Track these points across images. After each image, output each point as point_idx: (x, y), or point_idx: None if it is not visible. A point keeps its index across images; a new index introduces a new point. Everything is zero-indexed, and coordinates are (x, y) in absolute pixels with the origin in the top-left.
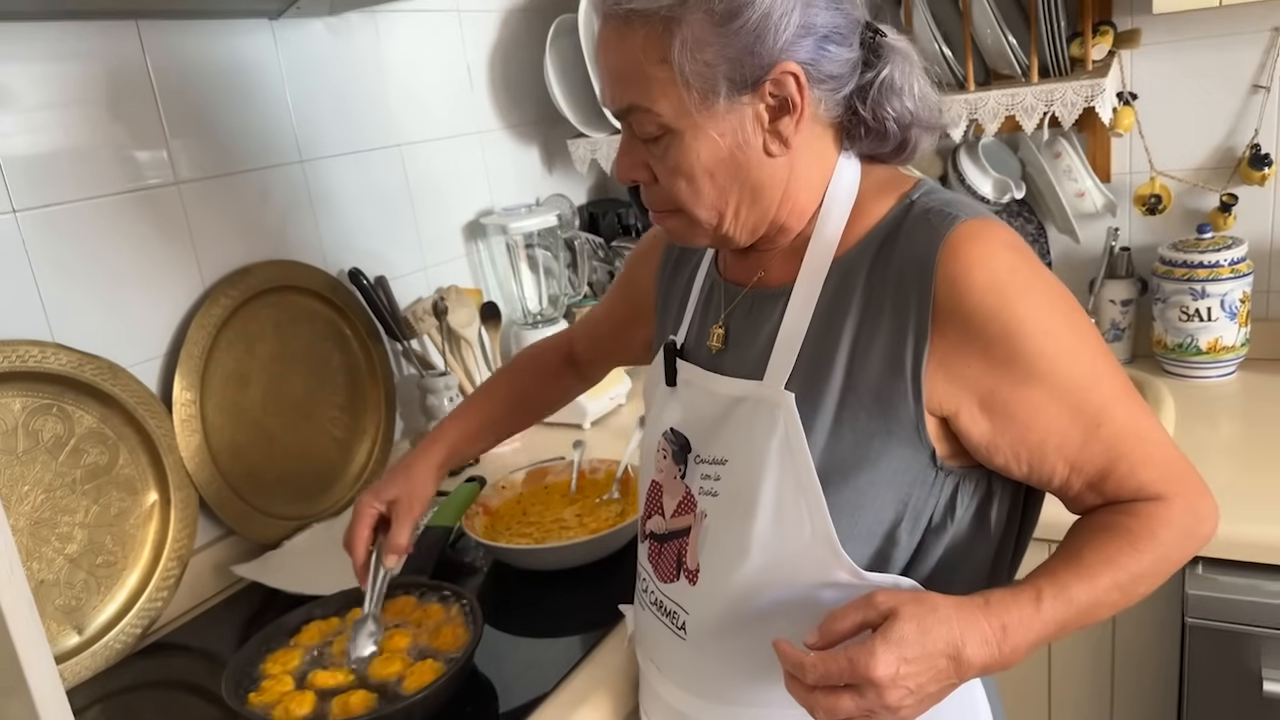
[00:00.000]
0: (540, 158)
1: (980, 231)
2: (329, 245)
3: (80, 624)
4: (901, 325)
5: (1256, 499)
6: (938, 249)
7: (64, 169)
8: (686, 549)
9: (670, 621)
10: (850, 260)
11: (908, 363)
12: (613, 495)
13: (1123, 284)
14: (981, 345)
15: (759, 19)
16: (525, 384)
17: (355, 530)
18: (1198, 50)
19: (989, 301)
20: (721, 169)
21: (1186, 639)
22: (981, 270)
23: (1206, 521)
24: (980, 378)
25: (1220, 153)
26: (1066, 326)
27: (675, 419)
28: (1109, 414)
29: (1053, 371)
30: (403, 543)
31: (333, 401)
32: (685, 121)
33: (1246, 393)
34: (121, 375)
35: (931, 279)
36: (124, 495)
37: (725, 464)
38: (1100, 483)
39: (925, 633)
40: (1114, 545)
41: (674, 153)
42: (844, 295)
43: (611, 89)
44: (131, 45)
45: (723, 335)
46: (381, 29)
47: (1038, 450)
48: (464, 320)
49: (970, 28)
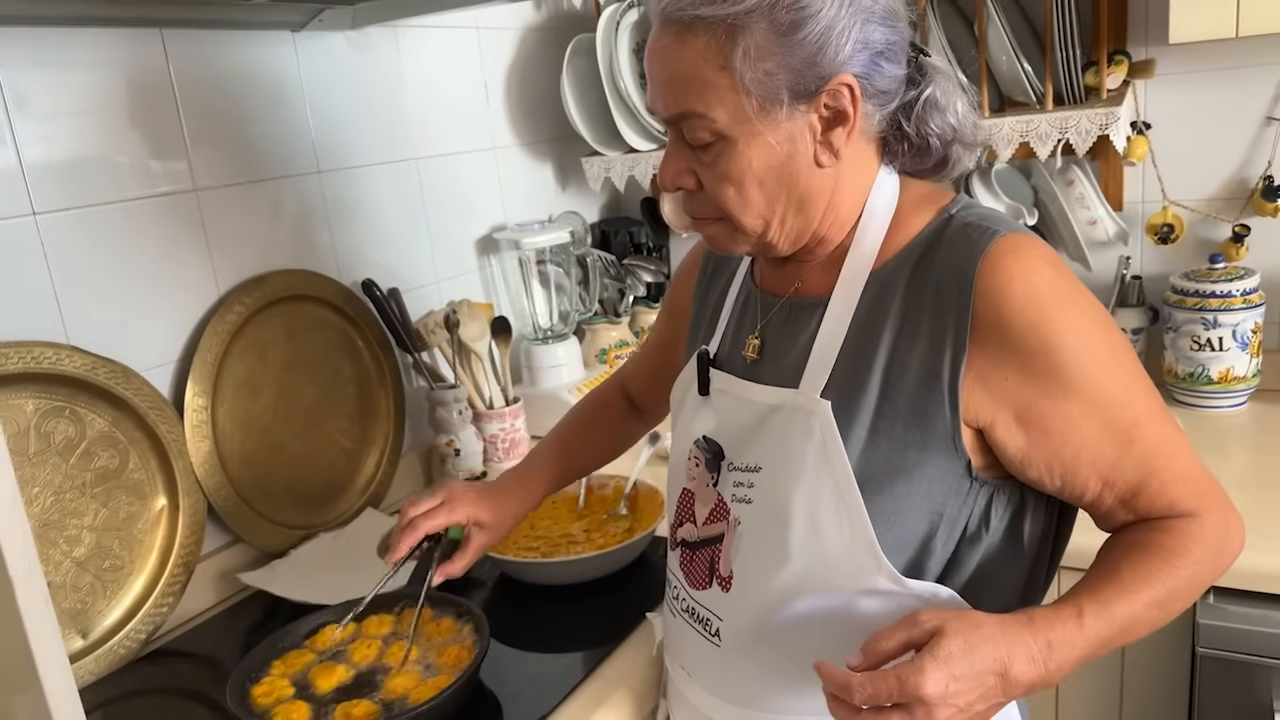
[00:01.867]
0: (554, 175)
1: (1020, 246)
2: (343, 256)
3: (85, 628)
4: (939, 337)
5: (1268, 530)
6: (978, 262)
7: (85, 174)
8: (720, 556)
9: (703, 628)
10: (888, 272)
11: (945, 374)
12: (620, 511)
13: (1134, 312)
14: (1020, 358)
15: (822, 31)
16: (602, 427)
17: (434, 514)
18: (1212, 82)
19: (1028, 315)
20: (771, 177)
21: (1197, 669)
22: (1021, 284)
23: (1235, 538)
24: (1017, 390)
25: (1233, 184)
26: (1103, 343)
27: (708, 427)
28: (1142, 430)
29: (1089, 386)
30: (459, 572)
31: (342, 412)
32: (741, 129)
33: (1258, 423)
34: (134, 379)
35: (971, 291)
36: (133, 500)
37: (759, 471)
38: (1132, 499)
39: (972, 650)
40: (1151, 562)
41: (725, 160)
42: (881, 306)
43: (665, 94)
44: (155, 53)
45: (758, 346)
46: (402, 44)
47: (1071, 464)
48: (475, 334)
49: (986, 54)
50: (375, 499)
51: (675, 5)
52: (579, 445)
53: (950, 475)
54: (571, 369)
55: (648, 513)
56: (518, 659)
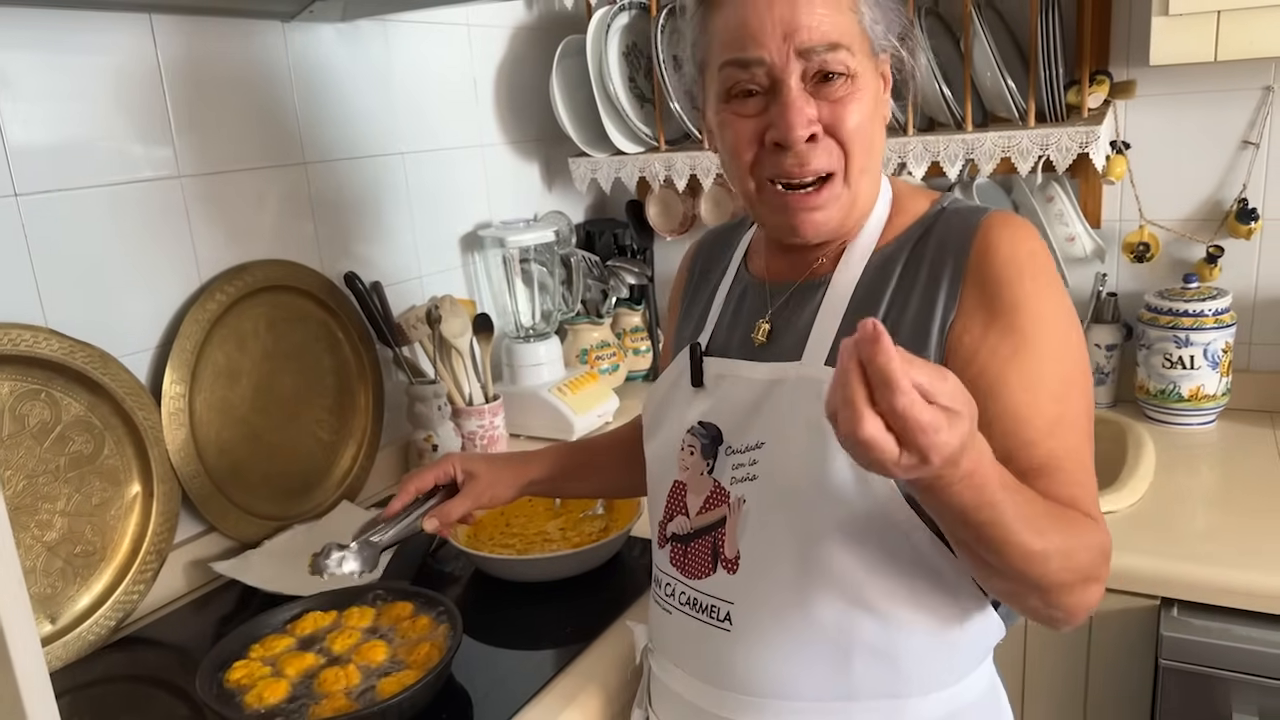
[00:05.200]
0: (541, 174)
1: (1011, 219)
2: (326, 248)
3: (54, 613)
4: (934, 291)
5: (1231, 546)
6: (977, 227)
7: (69, 157)
8: (723, 539)
9: (710, 616)
10: (891, 250)
11: (935, 324)
12: (596, 511)
13: (1109, 329)
14: (986, 313)
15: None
16: (623, 447)
17: (422, 473)
18: (1191, 104)
19: (1008, 273)
20: (874, 121)
21: (1159, 680)
22: (1009, 245)
23: (1106, 566)
24: (975, 342)
25: (1209, 205)
26: (1061, 330)
27: (702, 412)
28: (1063, 431)
29: (1032, 359)
30: (455, 515)
31: (321, 404)
32: (865, 65)
33: (1225, 442)
34: (112, 364)
35: (969, 250)
36: (107, 485)
37: (762, 447)
38: (1031, 478)
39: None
40: (1054, 510)
41: (852, 98)
42: (883, 279)
43: (809, 25)
44: (144, 38)
45: (768, 330)
46: (391, 38)
47: (987, 425)
48: (456, 330)
49: (971, 70)
50: (351, 492)
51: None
52: (595, 452)
53: None
54: (552, 368)
55: (623, 513)
56: (490, 655)
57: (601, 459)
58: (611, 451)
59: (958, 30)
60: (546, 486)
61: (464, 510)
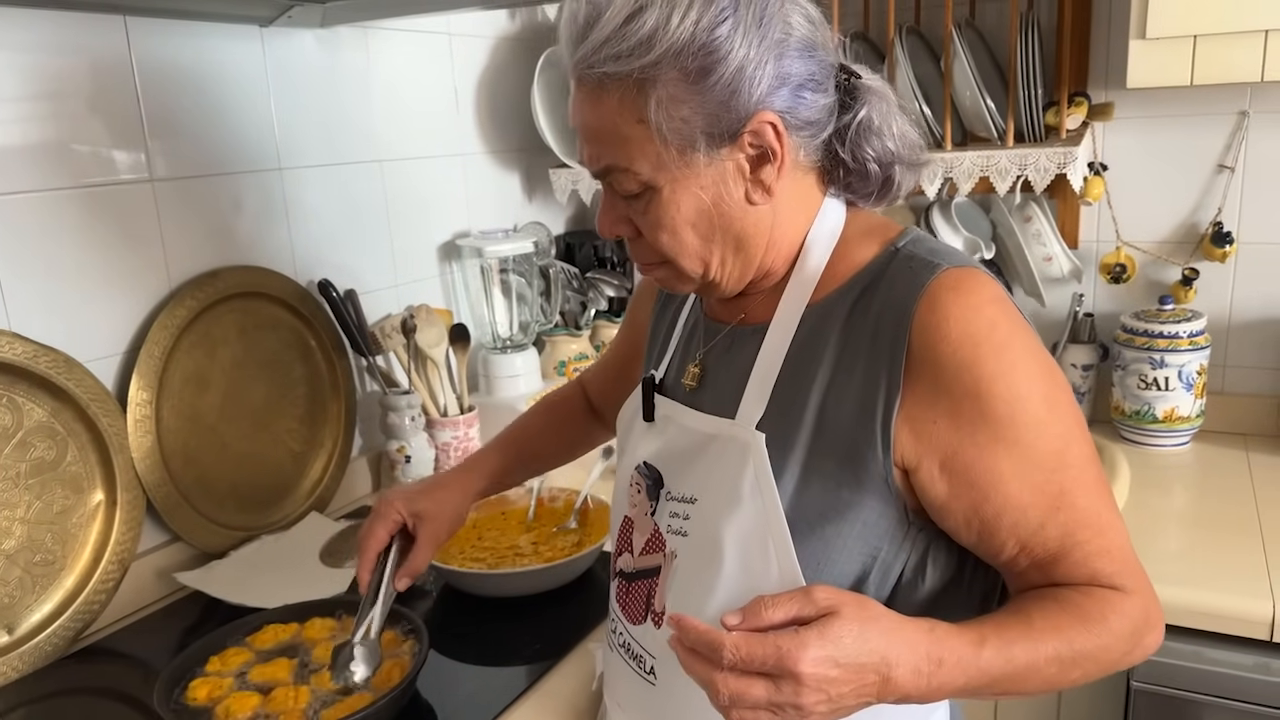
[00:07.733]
0: (521, 184)
1: (962, 282)
2: (300, 255)
3: (11, 623)
4: (875, 373)
5: (1203, 568)
6: (918, 297)
7: (37, 158)
8: (656, 589)
9: (638, 666)
10: (830, 304)
11: (879, 412)
12: (570, 525)
13: (1085, 349)
14: (950, 401)
15: (733, 74)
16: (558, 423)
17: (372, 529)
18: (1168, 128)
19: (962, 355)
20: (704, 221)
21: (1131, 703)
22: (959, 322)
23: (1156, 628)
24: (945, 435)
25: (1184, 228)
26: (1041, 394)
27: (650, 452)
28: (1071, 498)
29: (1019, 441)
30: (422, 566)
31: (291, 413)
32: (665, 176)
33: (1200, 463)
34: (77, 370)
35: (908, 327)
36: (69, 493)
37: (695, 503)
38: (1049, 566)
39: (864, 641)
40: (1065, 618)
41: (655, 208)
42: (820, 338)
43: (590, 150)
44: (117, 40)
45: (698, 374)
46: (371, 45)
47: (992, 523)
48: (432, 340)
49: (951, 89)
50: (321, 503)
51: (584, 65)
52: (531, 437)
53: (885, 518)
54: (529, 379)
55: (597, 527)
56: (457, 671)
57: (538, 444)
58: (545, 435)
59: (938, 49)
60: (492, 490)
61: (429, 558)
